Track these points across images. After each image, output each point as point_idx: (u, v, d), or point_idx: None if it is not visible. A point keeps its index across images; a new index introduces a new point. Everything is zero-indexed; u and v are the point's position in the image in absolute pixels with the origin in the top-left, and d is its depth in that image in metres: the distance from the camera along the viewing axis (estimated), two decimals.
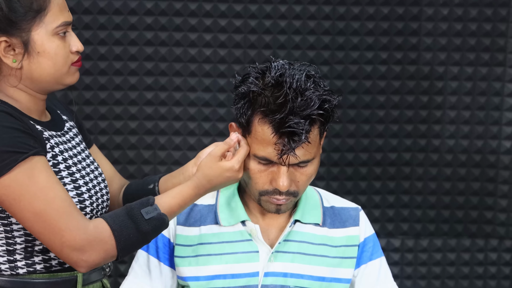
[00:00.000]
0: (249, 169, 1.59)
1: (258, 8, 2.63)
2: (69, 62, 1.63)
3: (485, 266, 2.84)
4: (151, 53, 2.62)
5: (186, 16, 2.61)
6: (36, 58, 1.57)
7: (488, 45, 2.71)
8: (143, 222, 1.52)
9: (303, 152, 1.55)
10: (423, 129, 2.75)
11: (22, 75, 1.58)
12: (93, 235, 1.49)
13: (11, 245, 1.56)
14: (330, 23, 2.66)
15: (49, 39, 1.58)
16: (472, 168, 2.77)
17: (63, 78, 1.63)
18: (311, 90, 1.53)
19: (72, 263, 1.50)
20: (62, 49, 1.61)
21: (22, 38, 1.55)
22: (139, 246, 1.59)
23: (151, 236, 1.55)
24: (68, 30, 1.63)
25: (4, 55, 1.55)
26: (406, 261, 2.84)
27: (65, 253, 1.48)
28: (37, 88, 1.61)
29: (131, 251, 1.56)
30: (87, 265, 1.50)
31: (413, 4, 2.67)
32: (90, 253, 1.48)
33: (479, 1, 2.67)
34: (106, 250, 1.50)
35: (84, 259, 1.48)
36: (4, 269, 1.58)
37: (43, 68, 1.58)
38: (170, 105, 2.65)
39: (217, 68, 2.66)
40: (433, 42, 2.70)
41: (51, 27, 1.58)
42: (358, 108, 2.73)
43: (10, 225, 1.54)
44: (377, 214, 2.79)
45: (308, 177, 1.62)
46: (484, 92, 2.73)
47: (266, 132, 1.53)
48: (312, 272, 1.69)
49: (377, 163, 2.77)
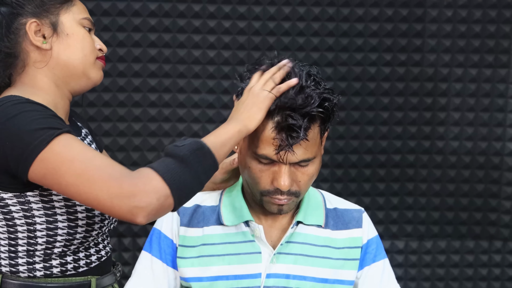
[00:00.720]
0: (251, 168, 1.59)
1: (262, 10, 2.63)
2: (95, 53, 1.69)
3: (489, 268, 2.84)
4: (154, 55, 2.62)
5: (190, 18, 2.61)
6: (65, 39, 1.62)
7: (492, 46, 2.70)
8: (176, 149, 1.48)
9: (303, 151, 1.55)
10: (427, 131, 2.75)
11: (51, 57, 1.61)
12: (138, 176, 1.44)
13: (32, 245, 1.57)
14: (334, 25, 2.66)
15: (77, 25, 1.65)
16: (476, 169, 2.77)
17: (89, 69, 1.67)
18: (311, 88, 1.54)
19: (128, 215, 1.42)
20: (89, 38, 1.67)
21: (51, 20, 1.61)
22: (187, 179, 1.47)
23: (193, 162, 1.48)
24: (92, 29, 1.70)
25: (34, 37, 1.59)
26: (410, 263, 2.83)
27: (117, 205, 1.41)
28: (64, 78, 1.64)
29: (183, 187, 1.47)
30: (144, 212, 1.42)
31: (417, 6, 2.66)
32: (141, 196, 1.41)
33: (483, 2, 2.66)
34: (155, 188, 1.42)
35: (138, 206, 1.40)
36: (22, 271, 1.59)
37: (72, 51, 1.63)
38: (174, 106, 2.66)
39: (221, 69, 2.66)
40: (437, 43, 2.70)
41: (78, 17, 1.65)
42: (362, 109, 2.73)
43: (33, 225, 1.56)
44: (381, 216, 2.79)
45: (310, 177, 1.61)
46: (488, 94, 2.73)
47: (267, 129, 1.54)
48: (314, 274, 1.68)
49: (381, 165, 2.77)
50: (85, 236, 1.63)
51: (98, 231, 1.67)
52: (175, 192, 1.44)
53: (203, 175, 1.49)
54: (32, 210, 1.54)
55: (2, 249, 1.58)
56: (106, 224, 1.71)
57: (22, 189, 1.52)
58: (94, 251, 1.71)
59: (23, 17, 1.60)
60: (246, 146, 1.61)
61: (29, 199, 1.53)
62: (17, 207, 1.53)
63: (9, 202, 1.52)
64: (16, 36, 1.60)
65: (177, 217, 1.71)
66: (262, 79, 1.63)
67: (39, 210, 1.54)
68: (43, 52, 1.61)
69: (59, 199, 1.56)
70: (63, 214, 1.57)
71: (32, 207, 1.53)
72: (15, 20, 1.60)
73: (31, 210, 1.54)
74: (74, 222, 1.58)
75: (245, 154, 1.61)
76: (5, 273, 1.60)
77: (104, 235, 1.75)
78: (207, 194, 1.78)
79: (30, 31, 1.59)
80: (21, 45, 1.61)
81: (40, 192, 1.53)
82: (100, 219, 1.66)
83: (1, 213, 1.53)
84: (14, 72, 1.63)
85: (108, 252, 1.77)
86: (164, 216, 1.72)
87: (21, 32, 1.60)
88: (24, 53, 1.61)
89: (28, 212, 1.54)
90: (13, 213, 1.53)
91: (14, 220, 1.54)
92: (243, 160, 1.63)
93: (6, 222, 1.55)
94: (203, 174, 1.49)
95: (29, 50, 1.61)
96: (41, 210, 1.55)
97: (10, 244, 1.57)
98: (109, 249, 1.79)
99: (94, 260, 1.70)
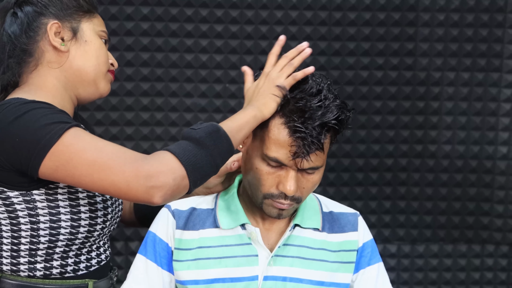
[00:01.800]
0: (257, 169, 1.60)
1: (255, 14, 2.63)
2: (107, 65, 1.74)
3: (482, 272, 2.84)
4: (147, 59, 2.61)
5: (182, 22, 2.61)
6: (83, 45, 1.67)
7: (485, 50, 2.71)
8: (192, 132, 1.50)
9: (315, 158, 1.57)
10: (419, 135, 2.75)
11: (67, 60, 1.65)
12: (153, 158, 1.46)
13: (34, 244, 1.58)
14: (326, 29, 2.66)
15: (96, 35, 1.71)
16: (469, 173, 2.77)
17: (100, 78, 1.72)
18: (330, 100, 1.56)
19: (145, 196, 1.44)
20: (104, 50, 1.73)
21: (72, 25, 1.67)
22: (203, 160, 1.49)
23: (208, 144, 1.49)
24: (107, 42, 1.76)
25: (53, 37, 1.64)
26: (402, 267, 2.83)
27: (133, 187, 1.43)
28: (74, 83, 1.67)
29: (199, 168, 1.48)
30: (161, 192, 1.44)
31: (409, 10, 2.67)
32: (157, 176, 1.43)
33: (475, 6, 2.67)
34: (172, 169, 1.44)
35: (154, 185, 1.42)
36: (23, 270, 1.60)
37: (88, 57, 1.68)
38: (166, 110, 2.65)
39: (213, 73, 2.66)
40: (429, 47, 2.70)
41: (97, 28, 1.72)
42: (354, 113, 2.72)
43: (37, 223, 1.56)
44: (374, 220, 2.79)
45: (313, 184, 1.64)
46: (481, 98, 2.74)
47: (282, 133, 1.55)
48: (311, 277, 1.69)
49: (373, 169, 2.77)
50: (86, 236, 1.63)
51: (100, 231, 1.68)
52: (190, 173, 1.46)
53: (219, 157, 1.51)
54: (37, 209, 1.55)
55: (5, 247, 1.58)
56: (108, 225, 1.72)
57: (28, 187, 1.53)
58: (95, 254, 1.71)
59: (45, 17, 1.65)
60: (255, 147, 1.61)
61: (34, 198, 1.54)
62: (22, 205, 1.54)
63: (15, 201, 1.53)
64: (35, 34, 1.64)
65: (172, 220, 1.71)
66: (279, 64, 1.66)
67: (43, 208, 1.56)
68: (59, 53, 1.65)
69: (64, 198, 1.58)
70: (66, 213, 1.58)
71: (37, 205, 1.55)
72: (37, 19, 1.65)
73: (36, 209, 1.55)
74: (77, 222, 1.59)
75: (252, 155, 1.62)
76: (5, 272, 1.60)
77: (105, 237, 1.76)
78: (202, 198, 1.78)
79: (51, 31, 1.63)
80: (38, 44, 1.65)
81: (46, 190, 1.54)
82: (103, 220, 1.68)
83: (6, 211, 1.54)
84: (25, 71, 1.66)
85: (107, 257, 1.78)
86: (159, 219, 1.73)
87: (41, 31, 1.64)
88: (39, 52, 1.65)
89: (32, 211, 1.55)
90: (17, 211, 1.54)
91: (18, 219, 1.55)
92: (249, 161, 1.63)
93: (10, 220, 1.55)
94: (218, 157, 1.51)
95: (45, 50, 1.65)
96: (46, 208, 1.56)
97: (13, 243, 1.58)
98: (109, 254, 1.80)
99: (94, 263, 1.71)
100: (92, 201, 1.63)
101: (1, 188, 1.53)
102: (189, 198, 1.77)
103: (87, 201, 1.62)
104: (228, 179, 1.84)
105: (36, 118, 1.46)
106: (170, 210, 1.72)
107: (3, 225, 1.56)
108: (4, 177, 1.51)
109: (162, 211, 1.74)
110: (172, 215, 1.71)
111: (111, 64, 1.77)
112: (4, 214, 1.55)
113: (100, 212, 1.65)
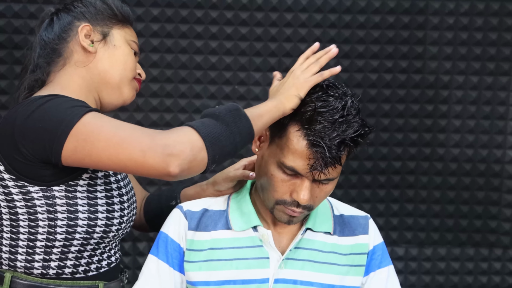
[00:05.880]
0: (272, 175, 1.59)
1: (264, 16, 2.63)
2: (134, 73, 1.76)
3: (489, 276, 2.84)
4: (156, 60, 2.62)
5: (192, 24, 2.61)
6: (111, 49, 1.71)
7: (494, 54, 2.71)
8: (213, 109, 1.51)
9: (331, 171, 1.57)
10: (427, 138, 2.75)
11: (93, 60, 1.69)
12: (171, 131, 1.46)
13: (50, 241, 1.59)
14: (335, 32, 2.66)
15: (125, 43, 1.74)
16: (477, 177, 2.77)
17: (125, 84, 1.74)
18: (352, 115, 1.57)
19: (162, 165, 1.41)
20: (132, 57, 1.76)
21: (103, 29, 1.71)
22: (222, 135, 1.48)
23: (228, 120, 1.49)
24: (137, 53, 1.78)
25: (83, 38, 1.68)
26: (410, 270, 2.83)
27: (150, 157, 1.41)
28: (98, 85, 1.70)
29: (217, 142, 1.47)
30: (178, 161, 1.41)
31: (419, 13, 2.67)
32: (174, 145, 1.41)
33: (484, 10, 2.67)
34: (190, 139, 1.43)
35: (171, 153, 1.40)
36: (37, 267, 1.61)
37: (114, 61, 1.71)
38: (175, 111, 2.65)
39: (223, 75, 2.66)
40: (438, 51, 2.70)
41: (128, 38, 1.75)
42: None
43: (55, 220, 1.57)
44: (381, 223, 2.78)
45: (326, 194, 1.64)
46: (489, 102, 2.74)
47: (301, 144, 1.55)
48: (321, 280, 1.69)
49: (381, 172, 2.77)
50: (102, 237, 1.64)
51: (114, 233, 1.68)
52: (209, 145, 1.45)
53: (238, 135, 1.50)
54: (56, 205, 1.56)
55: (21, 243, 1.60)
56: (123, 228, 1.72)
57: (49, 181, 1.55)
58: (106, 256, 1.72)
59: (78, 21, 1.70)
60: (272, 153, 1.61)
61: (54, 194, 1.55)
62: (42, 201, 1.55)
63: (35, 196, 1.54)
64: (66, 35, 1.70)
65: (184, 221, 1.71)
66: (306, 62, 1.67)
67: (62, 205, 1.57)
68: (87, 54, 1.68)
69: (82, 197, 1.59)
70: (84, 212, 1.58)
71: (56, 201, 1.56)
72: (71, 22, 1.70)
73: (55, 205, 1.56)
74: (94, 221, 1.60)
75: (268, 161, 1.61)
76: (18, 270, 1.61)
77: (118, 239, 1.76)
78: (213, 199, 1.79)
79: (81, 32, 1.68)
80: (68, 44, 1.69)
81: (65, 187, 1.55)
82: (119, 222, 1.69)
83: (25, 206, 1.55)
84: (53, 70, 1.70)
85: (117, 259, 1.79)
86: (171, 220, 1.73)
87: (72, 33, 1.69)
88: (68, 52, 1.69)
89: (51, 207, 1.56)
90: (37, 207, 1.55)
91: (36, 214, 1.56)
92: (264, 165, 1.63)
93: (28, 216, 1.57)
94: (238, 135, 1.50)
95: (74, 50, 1.69)
96: (64, 206, 1.57)
97: (30, 239, 1.59)
98: (119, 256, 1.81)
99: (104, 265, 1.71)
100: (110, 201, 1.64)
101: (22, 183, 1.54)
102: (200, 199, 1.78)
103: (105, 201, 1.63)
104: (239, 183, 1.84)
105: (58, 103, 1.50)
106: (182, 211, 1.72)
107: (21, 220, 1.57)
108: (27, 171, 1.53)
109: (174, 211, 1.74)
110: (184, 216, 1.71)
111: (138, 74, 1.79)
112: (23, 209, 1.56)
113: (117, 214, 1.66)
